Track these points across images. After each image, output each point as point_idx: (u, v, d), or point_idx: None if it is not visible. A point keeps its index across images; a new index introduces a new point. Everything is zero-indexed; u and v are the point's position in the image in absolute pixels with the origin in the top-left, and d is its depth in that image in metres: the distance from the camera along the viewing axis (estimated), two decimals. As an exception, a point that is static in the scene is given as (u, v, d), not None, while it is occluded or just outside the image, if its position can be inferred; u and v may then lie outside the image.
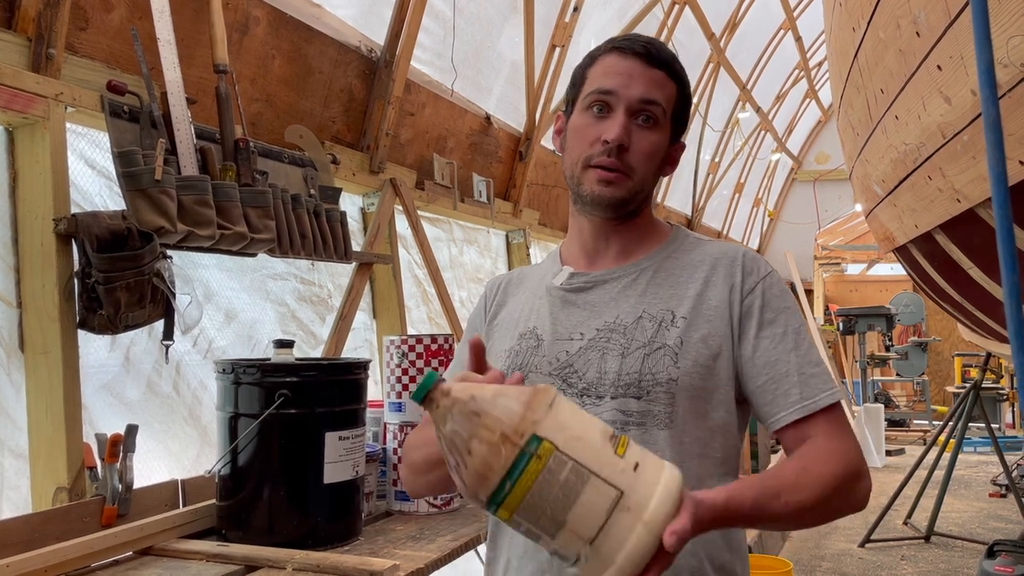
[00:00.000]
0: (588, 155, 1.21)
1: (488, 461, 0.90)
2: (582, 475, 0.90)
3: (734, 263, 1.23)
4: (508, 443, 0.90)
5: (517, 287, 1.40)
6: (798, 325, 1.22)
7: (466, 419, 0.92)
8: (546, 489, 0.90)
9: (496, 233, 4.40)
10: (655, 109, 1.21)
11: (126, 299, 1.84)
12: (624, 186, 1.21)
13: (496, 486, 0.90)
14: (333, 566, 1.70)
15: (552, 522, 0.90)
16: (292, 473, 1.89)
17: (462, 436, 0.92)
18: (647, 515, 0.91)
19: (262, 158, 2.38)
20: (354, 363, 2.02)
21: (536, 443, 0.90)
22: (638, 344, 1.18)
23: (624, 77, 1.20)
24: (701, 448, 1.18)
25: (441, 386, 0.95)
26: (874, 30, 2.36)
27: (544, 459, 0.90)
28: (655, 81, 1.21)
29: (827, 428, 1.15)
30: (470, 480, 0.92)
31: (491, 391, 0.95)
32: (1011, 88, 1.68)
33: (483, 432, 0.91)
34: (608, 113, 1.21)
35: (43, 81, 1.83)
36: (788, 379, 1.17)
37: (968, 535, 5.64)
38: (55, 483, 1.80)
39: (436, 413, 0.95)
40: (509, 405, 0.93)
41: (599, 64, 1.24)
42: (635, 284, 1.24)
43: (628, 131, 1.19)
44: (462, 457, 0.92)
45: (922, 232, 2.83)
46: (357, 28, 3.02)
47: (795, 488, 1.06)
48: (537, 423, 0.91)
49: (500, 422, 0.91)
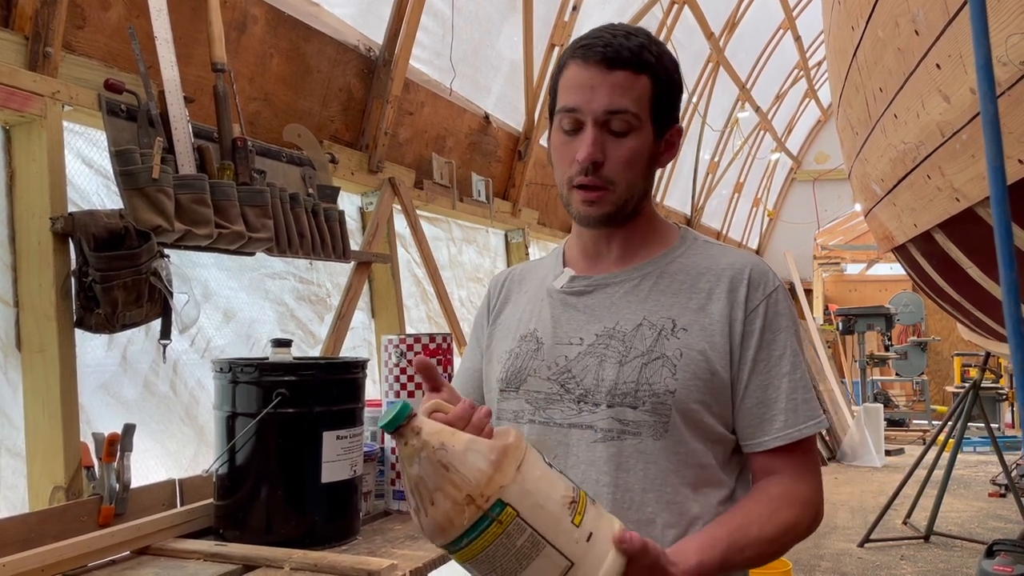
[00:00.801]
0: (569, 176, 1.19)
1: (450, 516, 0.92)
2: (538, 544, 0.93)
3: (741, 276, 1.20)
4: (473, 505, 0.91)
5: (519, 285, 1.38)
6: (796, 346, 1.21)
7: (434, 469, 0.93)
8: (501, 551, 0.92)
9: (495, 232, 4.40)
10: (623, 117, 1.15)
11: (123, 298, 1.84)
12: (608, 200, 1.18)
13: (453, 539, 0.93)
14: (331, 565, 1.70)
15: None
16: (290, 472, 1.88)
17: (427, 485, 0.93)
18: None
19: (260, 157, 2.37)
20: (352, 362, 2.02)
21: (499, 508, 0.92)
22: (637, 352, 1.17)
23: (586, 90, 1.15)
24: (697, 459, 1.17)
25: (412, 422, 0.95)
26: (873, 29, 2.36)
27: (505, 524, 0.92)
28: (618, 86, 1.14)
29: (797, 464, 1.19)
30: (428, 527, 0.94)
31: (463, 442, 0.95)
32: (1010, 87, 1.68)
33: (449, 488, 0.92)
34: (579, 129, 1.17)
35: (40, 79, 1.82)
36: (776, 405, 1.18)
37: (967, 535, 5.64)
38: (52, 482, 1.79)
39: (404, 450, 0.94)
40: (478, 464, 0.93)
41: (565, 75, 1.19)
42: (637, 289, 1.22)
43: (599, 145, 1.15)
44: (423, 504, 0.93)
45: (921, 231, 2.83)
46: (355, 27, 3.02)
47: (758, 541, 1.12)
48: (504, 488, 0.92)
49: (467, 482, 0.92)
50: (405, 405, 0.94)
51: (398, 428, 0.94)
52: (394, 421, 0.94)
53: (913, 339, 11.03)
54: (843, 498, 6.99)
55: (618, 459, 1.16)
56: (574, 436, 1.19)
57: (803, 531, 1.17)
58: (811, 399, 1.19)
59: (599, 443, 1.17)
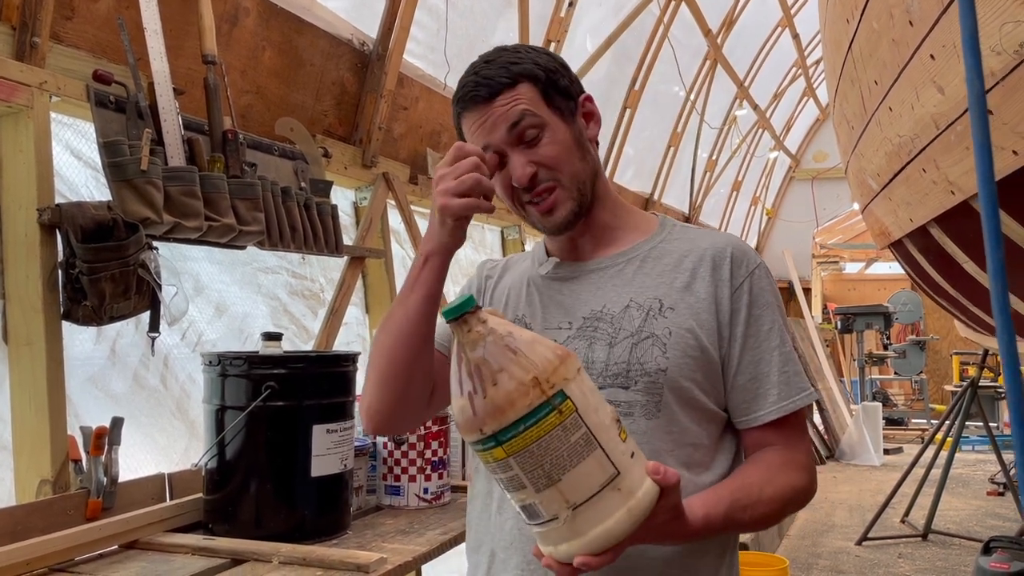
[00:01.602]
0: (519, 201, 1.21)
1: (512, 397, 0.90)
2: (591, 444, 0.92)
3: (723, 255, 1.22)
4: (538, 388, 0.91)
5: (504, 271, 1.40)
6: (782, 320, 1.23)
7: (500, 351, 0.93)
8: (554, 444, 0.91)
9: (491, 228, 4.39)
10: (527, 122, 1.17)
11: (111, 290, 1.83)
12: (562, 198, 1.20)
13: (509, 423, 0.91)
14: (319, 559, 1.69)
15: (545, 476, 0.92)
16: (279, 466, 1.87)
17: (491, 366, 0.92)
18: (633, 502, 0.94)
19: (252, 150, 2.36)
20: (342, 356, 2.01)
21: (561, 398, 0.92)
22: (626, 333, 1.18)
23: (484, 128, 1.18)
24: (690, 438, 1.18)
25: (479, 312, 0.95)
26: (867, 21, 2.35)
27: (564, 416, 0.91)
28: (505, 106, 1.17)
29: (790, 434, 1.21)
30: (484, 409, 0.91)
31: (529, 335, 0.96)
32: (1004, 76, 1.66)
33: (515, 369, 0.91)
34: (504, 160, 1.19)
35: (27, 70, 1.81)
36: (769, 379, 1.19)
37: (965, 533, 5.63)
38: (39, 476, 1.78)
39: (467, 336, 0.94)
40: (545, 354, 0.94)
41: (464, 129, 1.22)
42: (621, 273, 1.24)
43: (525, 160, 1.18)
44: (483, 385, 0.92)
45: (917, 226, 2.81)
46: (349, 21, 3.01)
47: (759, 501, 1.13)
48: (567, 381, 0.93)
49: (535, 365, 0.92)
50: (471, 297, 0.95)
51: (463, 315, 0.94)
52: (460, 308, 0.94)
53: (912, 338, 11.03)
54: (841, 497, 6.98)
55: None
56: None
57: (802, 496, 1.19)
58: (800, 372, 1.22)
59: None
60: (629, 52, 5.68)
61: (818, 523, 6.11)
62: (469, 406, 0.93)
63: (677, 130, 7.15)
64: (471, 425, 0.93)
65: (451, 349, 0.98)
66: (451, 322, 0.95)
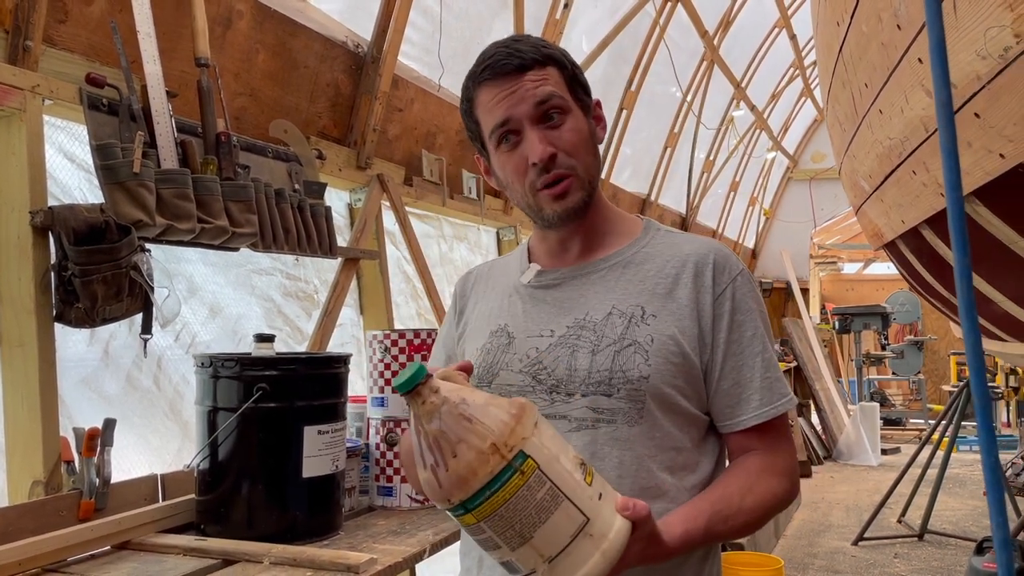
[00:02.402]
0: (530, 182, 1.20)
1: (473, 467, 0.91)
2: (557, 497, 0.93)
3: (705, 261, 1.23)
4: (497, 454, 0.92)
5: (486, 282, 1.39)
6: (764, 327, 1.24)
7: (456, 422, 0.93)
8: (521, 505, 0.92)
9: (486, 230, 4.40)
10: (554, 102, 1.18)
11: (103, 292, 1.83)
12: (576, 187, 1.20)
13: (474, 492, 0.92)
14: (310, 559, 1.70)
15: (517, 536, 0.93)
16: (271, 467, 1.88)
17: (449, 438, 0.93)
18: (606, 544, 0.95)
19: (246, 152, 2.37)
20: (334, 357, 2.02)
21: (522, 459, 0.93)
22: (608, 341, 1.18)
23: (508, 99, 1.17)
24: (673, 442, 1.19)
25: (430, 381, 0.95)
26: (857, 24, 2.36)
27: (527, 475, 0.92)
28: (535, 81, 1.17)
29: (773, 439, 1.22)
30: (448, 482, 0.93)
31: (482, 398, 0.96)
32: (990, 80, 1.67)
33: (473, 438, 0.92)
34: (518, 137, 1.19)
35: (20, 73, 1.82)
36: (752, 384, 1.20)
37: (962, 533, 5.64)
38: (31, 476, 1.79)
39: (421, 408, 0.95)
40: (500, 416, 0.94)
41: (479, 103, 1.21)
42: (604, 280, 1.24)
43: (546, 140, 1.17)
44: (444, 458, 0.93)
45: (909, 227, 2.82)
46: (343, 23, 3.02)
47: (740, 511, 1.14)
48: (526, 440, 0.94)
49: (491, 432, 0.93)
50: (421, 367, 0.95)
51: (416, 387, 0.94)
52: (412, 380, 0.94)
53: (909, 338, 11.03)
54: (838, 497, 6.99)
55: (592, 448, 1.17)
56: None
57: (782, 501, 1.20)
58: (782, 377, 1.24)
59: (573, 432, 1.18)
60: (625, 53, 5.68)
61: (815, 523, 6.12)
62: (434, 479, 0.94)
63: (674, 131, 7.15)
64: (439, 496, 0.95)
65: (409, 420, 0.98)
66: (404, 395, 0.95)
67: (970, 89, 1.70)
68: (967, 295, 0.62)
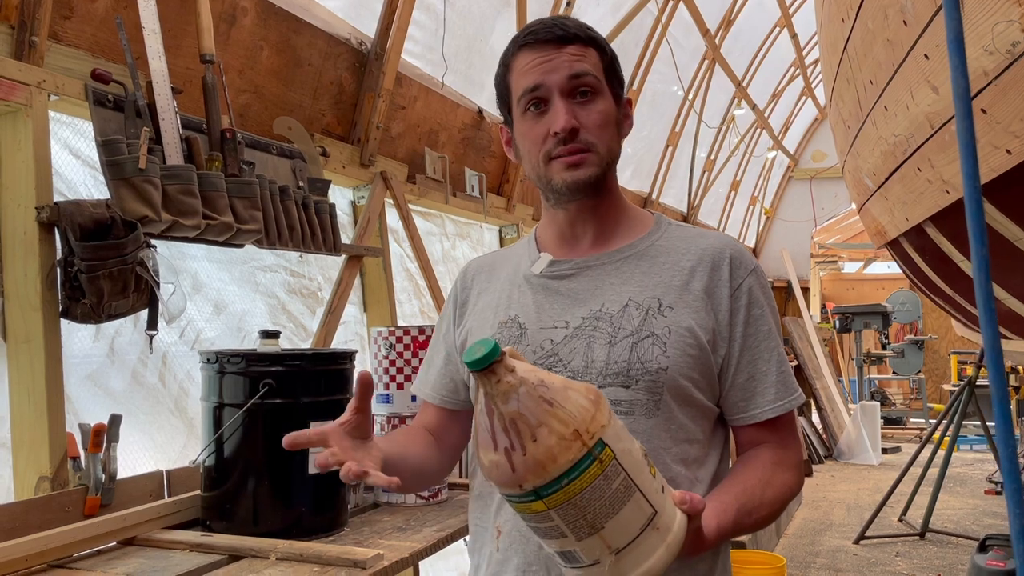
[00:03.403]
0: (546, 151, 1.20)
1: (554, 453, 0.88)
2: (630, 489, 0.91)
3: (722, 255, 1.23)
4: (579, 440, 0.88)
5: (488, 274, 1.38)
6: (777, 323, 1.26)
7: (536, 404, 0.89)
8: (596, 495, 0.89)
9: (489, 228, 4.40)
10: (587, 79, 1.19)
11: (109, 288, 1.83)
12: (592, 162, 1.20)
13: (552, 479, 0.88)
14: (316, 555, 1.70)
15: (587, 526, 0.90)
16: (276, 463, 1.88)
17: (529, 421, 0.89)
18: (670, 538, 0.94)
19: (250, 149, 2.37)
20: (340, 353, 2.02)
21: (601, 447, 0.90)
22: (626, 332, 1.18)
23: (543, 66, 1.18)
24: (687, 434, 1.19)
25: (505, 359, 0.91)
26: (862, 20, 2.36)
27: (605, 464, 0.90)
28: (574, 55, 1.18)
29: (783, 433, 1.24)
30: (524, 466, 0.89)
31: (559, 381, 0.93)
32: (997, 75, 1.67)
33: (555, 423, 0.89)
34: (545, 107, 1.19)
35: (25, 69, 1.81)
36: (767, 378, 1.21)
37: (963, 532, 5.64)
38: (38, 472, 1.79)
39: (496, 387, 0.90)
40: (580, 401, 0.91)
41: (514, 68, 1.22)
42: (619, 272, 1.24)
43: (572, 113, 1.17)
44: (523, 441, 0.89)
45: (913, 225, 2.82)
46: (347, 20, 3.02)
47: (761, 504, 1.15)
48: (604, 428, 0.91)
49: (573, 417, 0.89)
50: (496, 344, 0.90)
51: (491, 365, 0.89)
52: (487, 358, 0.89)
53: (910, 337, 11.03)
54: (839, 496, 6.99)
55: None
56: None
57: (794, 494, 1.22)
58: (792, 373, 1.26)
59: None
60: (627, 52, 5.68)
61: (816, 522, 6.12)
62: (507, 462, 0.89)
63: (675, 129, 7.16)
64: (509, 481, 0.90)
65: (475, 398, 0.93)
66: (477, 373, 0.90)
67: (977, 85, 1.70)
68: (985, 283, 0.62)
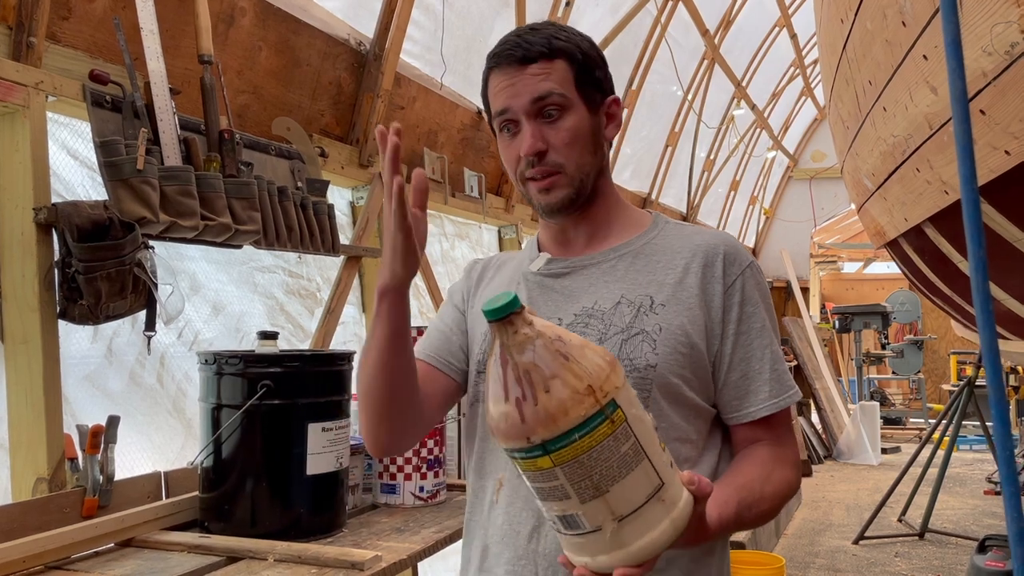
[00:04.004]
0: (520, 171, 1.22)
1: (566, 406, 0.87)
2: (639, 454, 0.91)
3: (715, 252, 1.23)
4: (592, 396, 0.88)
5: (495, 270, 1.40)
6: (772, 320, 1.25)
7: (552, 357, 0.89)
8: (605, 455, 0.89)
9: (488, 228, 4.39)
10: (552, 99, 1.18)
11: (107, 289, 1.83)
12: (561, 184, 1.21)
13: (562, 432, 0.88)
14: (314, 557, 1.69)
15: (592, 487, 0.89)
16: (275, 464, 1.88)
17: (543, 372, 0.89)
18: (676, 512, 0.93)
19: (248, 150, 2.37)
20: (338, 354, 2.02)
21: (613, 408, 0.89)
22: (616, 329, 1.18)
23: (508, 90, 1.19)
24: (678, 433, 1.19)
25: (524, 313, 0.91)
26: (861, 21, 2.35)
27: (616, 425, 0.89)
28: (537, 76, 1.18)
29: (779, 431, 1.23)
30: (534, 417, 0.88)
31: (578, 340, 0.93)
32: (996, 76, 1.67)
33: (569, 376, 0.88)
34: (516, 128, 1.21)
35: (23, 69, 1.81)
36: (761, 376, 1.20)
37: (962, 532, 5.64)
38: (35, 474, 1.79)
39: (512, 339, 0.90)
40: (596, 360, 0.91)
41: (490, 87, 1.23)
42: (613, 270, 1.24)
43: (538, 135, 1.19)
44: (535, 391, 0.88)
45: (912, 226, 2.82)
46: (346, 20, 3.01)
47: (761, 499, 1.15)
48: (618, 389, 0.91)
49: (589, 373, 0.89)
50: (515, 296, 0.90)
51: (509, 315, 0.90)
52: (506, 308, 0.89)
53: (909, 337, 11.03)
54: (839, 496, 6.99)
55: None
56: None
57: (793, 490, 1.22)
58: (788, 371, 1.25)
59: None
60: (626, 52, 5.68)
61: (815, 522, 6.12)
62: (516, 413, 0.89)
63: (675, 130, 7.15)
64: (517, 432, 0.89)
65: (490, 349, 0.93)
66: (494, 322, 0.90)
67: (976, 85, 1.69)
68: (982, 285, 0.62)
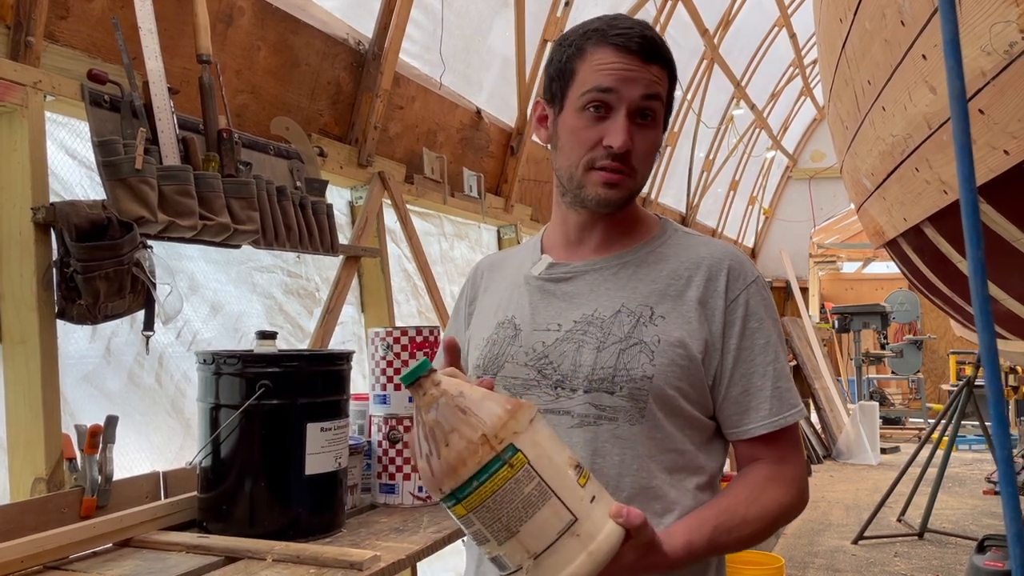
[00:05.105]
0: (590, 158, 1.18)
1: (463, 456, 0.94)
2: (545, 493, 0.95)
3: (720, 266, 1.21)
4: (487, 445, 0.95)
5: (497, 273, 1.39)
6: (777, 336, 1.22)
7: (451, 412, 0.97)
8: (508, 497, 0.94)
9: (487, 228, 4.39)
10: (655, 104, 1.17)
11: (105, 289, 1.83)
12: (627, 186, 1.20)
13: (463, 482, 0.94)
14: (313, 557, 1.69)
15: (504, 529, 0.95)
16: (273, 464, 1.87)
17: (443, 427, 0.96)
18: (593, 546, 0.96)
19: (247, 149, 2.36)
20: (337, 354, 2.01)
21: (512, 452, 0.95)
22: (615, 339, 1.17)
23: (623, 75, 1.14)
24: (673, 444, 1.18)
25: (432, 375, 0.99)
26: (860, 21, 2.35)
27: (515, 469, 0.95)
28: (654, 77, 1.16)
29: (780, 449, 1.20)
30: (440, 470, 0.96)
31: (480, 393, 0.99)
32: (995, 75, 1.67)
33: (465, 428, 0.95)
34: (607, 113, 1.16)
35: (21, 69, 1.81)
36: (762, 392, 1.19)
37: (961, 532, 5.64)
38: (33, 474, 1.78)
39: (422, 400, 0.98)
40: (494, 410, 0.97)
41: (592, 58, 1.16)
42: (616, 277, 1.23)
43: (630, 133, 1.16)
44: (437, 447, 0.96)
45: (911, 225, 2.82)
46: (345, 20, 3.01)
47: (744, 522, 1.13)
48: (517, 434, 0.96)
49: (483, 423, 0.96)
50: (425, 361, 0.99)
51: (418, 379, 0.98)
52: (414, 373, 0.98)
53: (909, 337, 11.04)
54: (838, 496, 6.99)
55: (594, 444, 1.16)
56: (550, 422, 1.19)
57: (790, 510, 1.19)
58: (793, 388, 1.22)
59: (575, 428, 1.17)
60: (626, 52, 5.67)
61: (815, 522, 6.12)
62: (428, 467, 0.97)
63: (674, 129, 7.15)
64: (432, 485, 0.98)
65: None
66: (408, 387, 0.99)
67: (975, 85, 1.69)
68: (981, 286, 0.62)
